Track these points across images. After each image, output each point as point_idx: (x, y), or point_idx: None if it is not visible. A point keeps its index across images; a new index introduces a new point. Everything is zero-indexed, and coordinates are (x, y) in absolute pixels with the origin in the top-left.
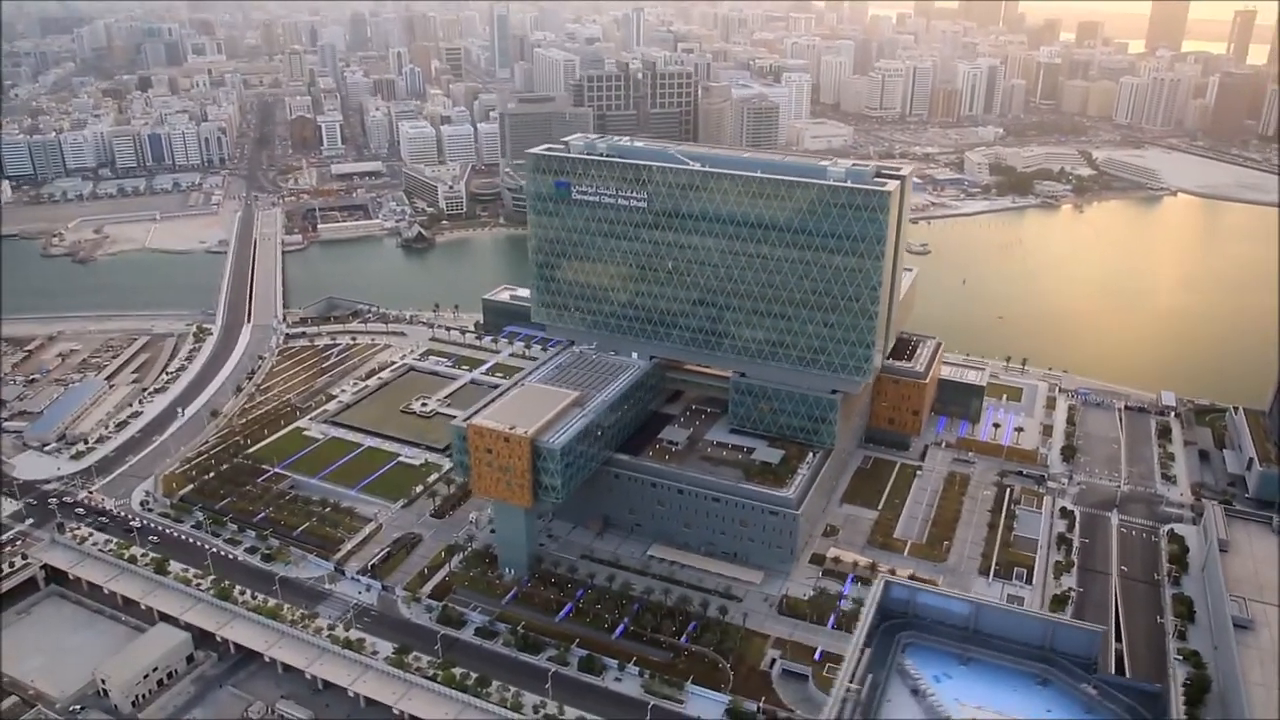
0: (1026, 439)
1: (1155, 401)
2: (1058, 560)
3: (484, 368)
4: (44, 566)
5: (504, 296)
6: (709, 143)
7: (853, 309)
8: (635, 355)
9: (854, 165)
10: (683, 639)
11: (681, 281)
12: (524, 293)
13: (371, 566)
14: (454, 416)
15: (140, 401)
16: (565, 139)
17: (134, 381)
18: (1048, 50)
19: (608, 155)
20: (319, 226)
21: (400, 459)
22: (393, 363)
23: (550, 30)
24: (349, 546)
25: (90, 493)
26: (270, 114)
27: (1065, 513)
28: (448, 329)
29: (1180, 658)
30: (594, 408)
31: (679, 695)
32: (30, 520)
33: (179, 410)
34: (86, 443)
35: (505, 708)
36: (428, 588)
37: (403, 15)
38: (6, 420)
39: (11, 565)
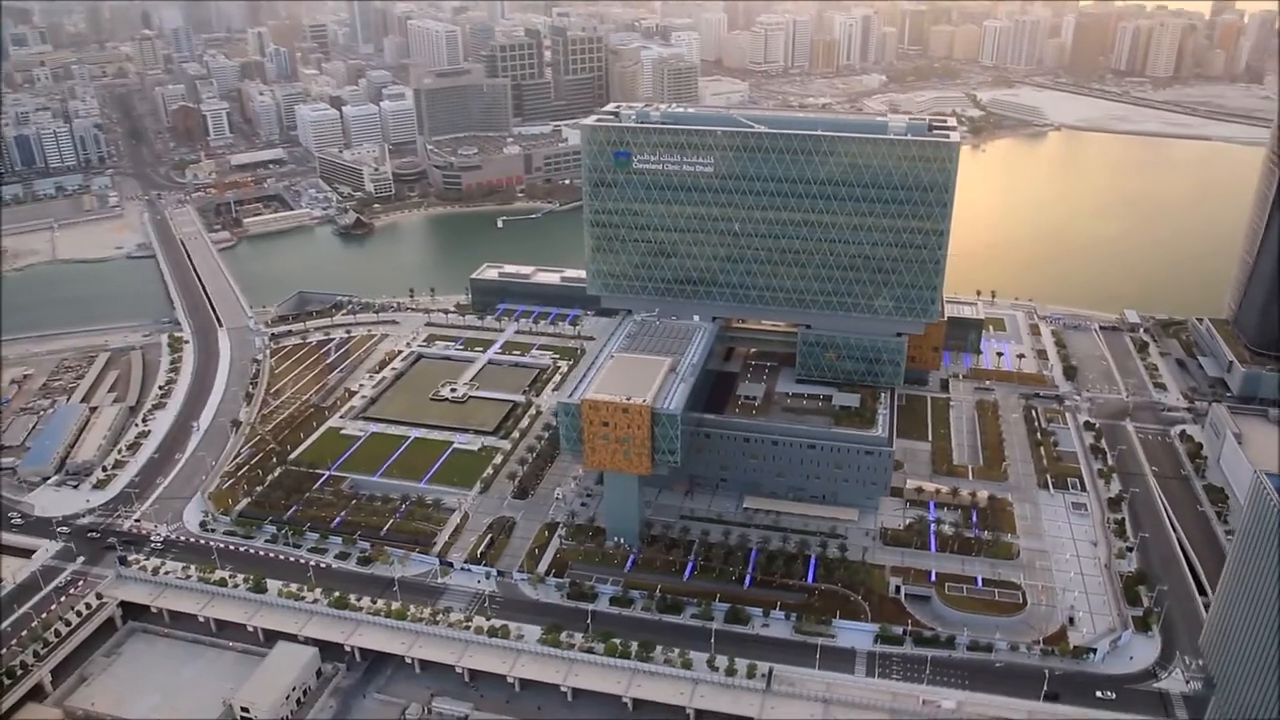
0: (1028, 364)
1: (1122, 320)
2: (1099, 468)
3: (495, 347)
4: (120, 603)
5: (491, 274)
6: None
7: (920, 256)
8: (696, 318)
9: (911, 120)
10: (809, 579)
11: (747, 242)
12: (512, 269)
13: (480, 554)
14: (486, 399)
15: (143, 420)
16: (611, 108)
17: (115, 400)
18: None
19: (666, 122)
20: (244, 221)
21: (455, 446)
22: (399, 351)
23: (408, 1)
24: (444, 539)
25: (136, 521)
26: (130, 106)
27: (1089, 426)
28: (445, 313)
29: (1230, 537)
30: (686, 371)
31: (829, 630)
32: (82, 558)
33: (193, 424)
34: (105, 469)
35: (677, 667)
36: (543, 567)
37: None
38: None
39: (88, 607)
